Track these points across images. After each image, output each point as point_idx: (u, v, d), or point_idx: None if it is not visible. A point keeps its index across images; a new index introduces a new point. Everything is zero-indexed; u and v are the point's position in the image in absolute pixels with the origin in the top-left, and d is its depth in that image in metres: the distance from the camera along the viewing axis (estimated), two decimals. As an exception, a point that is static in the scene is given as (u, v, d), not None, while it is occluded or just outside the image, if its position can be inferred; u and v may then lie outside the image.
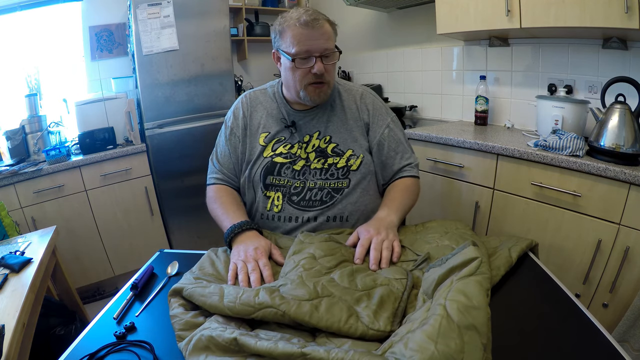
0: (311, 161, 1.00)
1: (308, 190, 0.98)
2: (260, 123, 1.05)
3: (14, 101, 2.10)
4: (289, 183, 1.00)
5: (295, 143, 1.02)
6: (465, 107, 2.17)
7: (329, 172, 1.00)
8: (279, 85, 1.09)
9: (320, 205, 0.98)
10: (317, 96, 0.97)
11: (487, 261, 0.63)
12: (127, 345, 0.60)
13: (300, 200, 0.98)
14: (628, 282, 1.20)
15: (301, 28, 0.91)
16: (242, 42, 2.73)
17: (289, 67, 0.95)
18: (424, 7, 2.16)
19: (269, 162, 1.01)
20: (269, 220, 1.01)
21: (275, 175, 1.00)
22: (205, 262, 0.80)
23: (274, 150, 1.02)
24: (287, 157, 1.01)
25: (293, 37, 0.91)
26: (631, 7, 1.16)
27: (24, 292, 1.01)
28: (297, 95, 0.99)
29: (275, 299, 0.60)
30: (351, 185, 1.00)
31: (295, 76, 0.95)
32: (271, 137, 1.03)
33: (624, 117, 1.22)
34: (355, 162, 1.01)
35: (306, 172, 1.00)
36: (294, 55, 0.92)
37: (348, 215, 0.99)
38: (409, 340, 0.47)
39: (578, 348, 0.55)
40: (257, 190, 1.02)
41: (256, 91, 1.12)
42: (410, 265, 0.77)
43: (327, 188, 0.99)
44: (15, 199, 1.81)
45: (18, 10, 2.10)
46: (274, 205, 1.00)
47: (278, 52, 0.98)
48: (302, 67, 0.93)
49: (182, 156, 2.24)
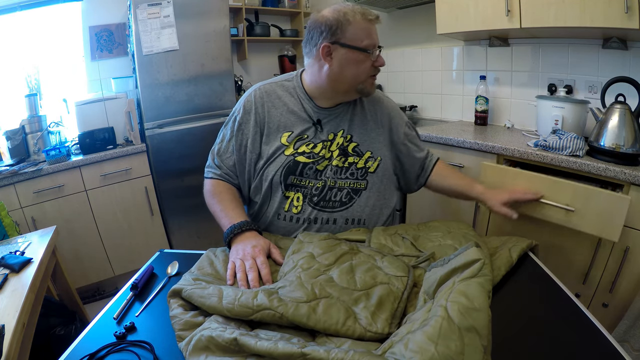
0: (333, 158, 0.99)
1: (328, 190, 0.97)
2: (281, 120, 0.99)
3: (14, 101, 2.10)
4: (310, 184, 0.97)
5: (319, 142, 0.98)
6: (465, 107, 2.17)
7: (349, 171, 0.99)
8: (298, 79, 1.03)
9: (340, 207, 0.97)
10: (372, 88, 0.99)
11: (489, 263, 0.63)
12: (127, 345, 0.60)
13: (320, 201, 0.97)
14: (628, 282, 1.20)
15: (367, 22, 0.92)
16: (242, 42, 2.73)
17: (354, 59, 0.92)
18: (424, 7, 2.16)
19: (290, 162, 0.97)
20: (285, 221, 0.98)
21: (297, 175, 0.97)
22: (204, 262, 0.80)
23: (296, 149, 0.98)
24: (310, 156, 0.97)
25: (362, 30, 0.91)
26: (631, 7, 1.16)
27: (24, 292, 1.01)
28: (353, 89, 0.96)
29: (274, 301, 0.60)
30: (368, 187, 1.00)
31: (359, 68, 0.93)
32: (295, 136, 0.98)
33: (624, 117, 1.22)
34: (373, 164, 1.01)
35: (327, 169, 0.98)
36: (366, 47, 0.91)
37: (366, 218, 0.99)
38: (409, 341, 0.47)
39: (578, 348, 0.55)
40: (276, 190, 0.98)
41: (272, 84, 1.04)
42: (412, 261, 0.77)
43: (347, 188, 0.98)
44: (15, 199, 1.81)
45: (18, 10, 2.10)
46: (293, 205, 0.97)
47: (336, 45, 0.91)
48: (371, 60, 0.93)
49: (182, 156, 2.24)
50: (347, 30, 0.90)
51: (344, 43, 0.91)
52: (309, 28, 0.95)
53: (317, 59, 0.95)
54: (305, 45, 0.98)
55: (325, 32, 0.91)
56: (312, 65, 0.98)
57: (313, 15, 0.95)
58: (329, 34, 0.91)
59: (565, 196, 1.00)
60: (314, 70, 0.97)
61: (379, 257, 0.77)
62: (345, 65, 0.92)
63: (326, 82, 0.96)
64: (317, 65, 0.96)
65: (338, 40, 0.91)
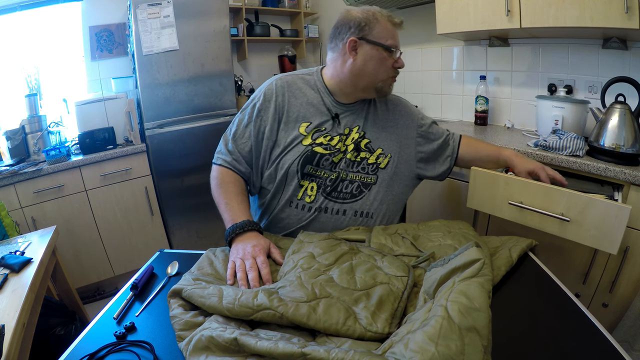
0: (348, 152, 1.02)
1: (340, 182, 1.00)
2: (300, 111, 1.02)
3: (14, 101, 2.10)
4: (325, 175, 1.00)
5: (336, 135, 1.01)
6: (465, 107, 2.17)
7: (361, 165, 1.02)
8: (319, 74, 1.07)
9: (350, 199, 1.00)
10: (390, 89, 1.04)
11: (489, 263, 0.63)
12: (127, 345, 0.60)
13: (332, 191, 1.00)
14: (628, 282, 1.20)
15: (393, 25, 0.98)
16: (242, 42, 2.72)
17: (377, 57, 0.97)
18: (424, 7, 2.16)
19: (308, 152, 0.99)
20: (297, 209, 1.00)
21: (314, 165, 0.99)
22: (204, 262, 0.80)
23: (314, 140, 1.00)
24: (327, 148, 1.00)
25: (387, 31, 0.97)
26: (631, 7, 1.16)
27: (24, 292, 1.01)
28: (372, 86, 1.00)
29: (274, 301, 0.60)
30: (378, 182, 1.03)
31: (381, 66, 0.98)
32: (313, 127, 1.01)
33: (624, 117, 1.22)
34: (383, 160, 1.04)
35: (341, 162, 1.01)
36: (390, 46, 0.96)
37: (373, 212, 1.02)
38: (409, 341, 0.47)
39: (578, 348, 0.55)
40: (291, 178, 0.99)
41: (293, 76, 1.07)
42: (412, 261, 0.77)
43: (358, 181, 1.01)
44: (15, 199, 1.81)
45: (18, 10, 2.10)
46: (307, 195, 0.99)
47: (363, 40, 0.96)
48: (392, 59, 0.98)
49: (182, 156, 2.24)
50: (374, 28, 0.96)
51: (370, 39, 0.96)
52: (337, 24, 1.01)
53: (342, 53, 0.99)
54: (331, 40, 1.03)
55: (354, 27, 0.96)
56: (335, 60, 1.02)
57: (342, 13, 1.00)
58: (357, 30, 0.96)
59: (560, 205, 0.94)
60: (337, 64, 1.01)
61: (379, 257, 0.77)
62: (368, 61, 0.97)
63: (348, 76, 1.00)
64: (341, 59, 1.00)
65: (365, 36, 0.96)
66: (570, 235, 0.95)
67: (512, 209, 1.05)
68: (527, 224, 1.03)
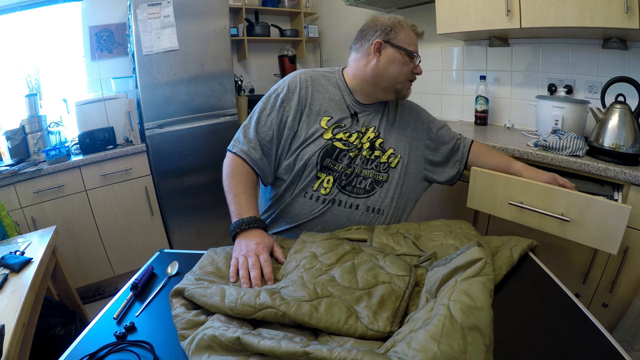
0: (363, 149, 1.06)
1: (355, 177, 1.04)
2: (322, 105, 1.06)
3: (14, 101, 2.10)
4: (341, 169, 1.03)
5: (355, 132, 1.06)
6: (465, 107, 2.17)
7: (374, 163, 1.06)
8: (340, 74, 1.11)
9: (363, 194, 1.04)
10: (408, 92, 1.10)
11: (491, 262, 0.63)
12: (127, 345, 0.60)
13: (347, 185, 1.03)
14: (628, 282, 1.20)
15: (415, 34, 1.06)
16: (242, 42, 2.73)
17: (399, 60, 1.03)
18: (424, 7, 2.16)
19: (329, 145, 1.02)
20: (312, 200, 1.02)
21: (333, 159, 1.03)
22: (206, 261, 0.80)
23: (334, 135, 1.04)
24: (346, 144, 1.04)
25: (410, 38, 1.04)
26: (631, 7, 1.16)
27: (24, 292, 1.01)
28: (392, 88, 1.06)
29: (276, 300, 0.60)
30: (389, 180, 1.07)
31: (402, 69, 1.04)
32: (333, 122, 1.05)
33: (624, 117, 1.22)
34: (394, 160, 1.08)
35: (357, 158, 1.05)
36: (412, 52, 1.03)
37: (384, 209, 1.05)
38: (411, 340, 0.47)
39: (578, 348, 0.55)
40: (310, 170, 1.02)
41: (316, 72, 1.11)
42: (414, 260, 0.77)
43: (371, 178, 1.05)
44: (15, 199, 1.81)
45: (18, 10, 2.10)
46: (322, 187, 1.02)
47: (388, 44, 1.02)
48: (412, 65, 1.05)
49: (182, 156, 2.24)
50: (399, 34, 1.03)
51: (394, 43, 1.03)
52: (363, 27, 1.08)
53: (366, 53, 1.05)
54: (356, 42, 1.09)
55: (380, 31, 1.03)
56: (359, 60, 1.07)
57: (370, 18, 1.08)
58: (383, 33, 1.03)
59: (560, 205, 0.95)
60: (361, 64, 1.07)
61: (380, 256, 0.77)
62: (390, 63, 1.03)
63: (370, 76, 1.05)
64: (364, 60, 1.06)
65: (390, 40, 1.03)
66: (570, 235, 0.95)
67: (512, 209, 1.06)
68: (527, 224, 1.03)
